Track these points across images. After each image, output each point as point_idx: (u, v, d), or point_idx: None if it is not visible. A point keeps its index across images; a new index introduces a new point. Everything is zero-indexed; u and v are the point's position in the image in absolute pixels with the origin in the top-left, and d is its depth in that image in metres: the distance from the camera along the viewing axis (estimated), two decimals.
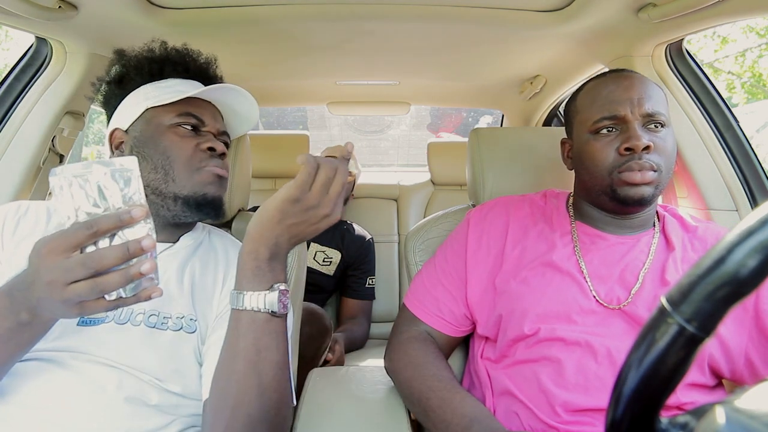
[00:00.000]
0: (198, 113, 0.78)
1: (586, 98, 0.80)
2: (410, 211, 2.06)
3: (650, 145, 0.72)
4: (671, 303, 0.33)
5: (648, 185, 0.73)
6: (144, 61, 0.81)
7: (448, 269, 0.85)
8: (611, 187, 0.75)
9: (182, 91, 0.78)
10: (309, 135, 2.18)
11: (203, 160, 0.75)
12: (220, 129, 0.81)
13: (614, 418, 0.36)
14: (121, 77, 0.82)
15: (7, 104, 1.11)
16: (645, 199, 0.74)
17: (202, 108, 0.79)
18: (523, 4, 1.09)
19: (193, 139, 0.76)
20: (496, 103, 2.13)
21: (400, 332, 0.85)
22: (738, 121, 1.10)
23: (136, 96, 0.79)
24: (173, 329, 0.69)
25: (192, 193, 0.74)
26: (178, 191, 0.74)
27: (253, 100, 0.84)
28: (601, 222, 0.81)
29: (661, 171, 0.74)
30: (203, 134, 0.78)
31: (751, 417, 0.28)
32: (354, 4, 1.08)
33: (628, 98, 0.75)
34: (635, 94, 0.75)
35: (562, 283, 0.75)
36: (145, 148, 0.75)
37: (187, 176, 0.74)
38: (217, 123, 0.81)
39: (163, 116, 0.76)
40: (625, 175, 0.73)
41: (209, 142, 0.76)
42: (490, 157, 1.04)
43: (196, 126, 0.78)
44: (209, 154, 0.76)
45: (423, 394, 0.74)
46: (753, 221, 0.30)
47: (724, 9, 0.88)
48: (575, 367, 0.70)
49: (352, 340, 1.59)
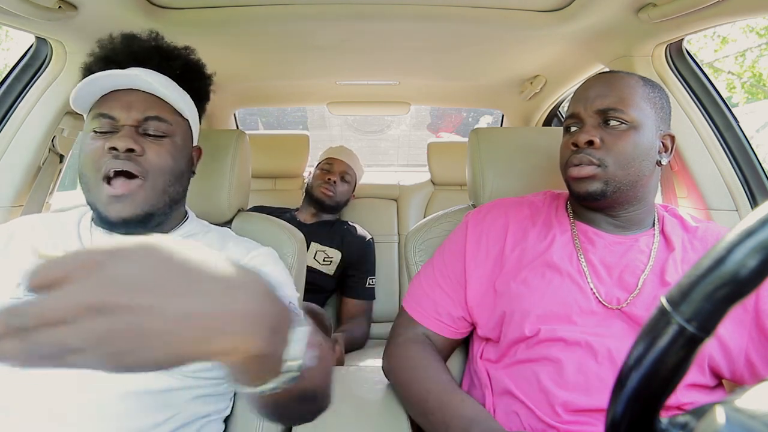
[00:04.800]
0: (107, 110, 0.69)
1: (570, 100, 0.84)
2: (410, 211, 2.06)
3: (593, 140, 0.74)
4: (671, 303, 0.33)
5: (591, 179, 0.75)
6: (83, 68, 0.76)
7: (446, 272, 0.85)
8: (567, 183, 0.80)
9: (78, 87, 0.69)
10: (309, 135, 2.18)
11: (104, 165, 0.67)
12: (140, 117, 0.69)
13: (614, 418, 0.36)
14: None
15: (7, 104, 1.11)
16: (591, 194, 0.75)
17: (114, 100, 0.69)
18: (523, 4, 1.09)
19: (101, 142, 0.68)
20: (496, 103, 2.13)
21: (398, 335, 0.85)
22: (738, 121, 1.10)
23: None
24: None
25: (101, 209, 0.68)
26: (94, 203, 0.69)
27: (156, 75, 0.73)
28: (597, 221, 0.81)
29: (607, 166, 0.74)
30: (120, 130, 0.68)
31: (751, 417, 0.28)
32: (354, 4, 1.08)
33: (585, 96, 0.78)
34: (593, 92, 0.77)
35: (562, 284, 0.75)
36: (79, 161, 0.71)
37: (94, 187, 0.67)
38: (134, 111, 0.69)
39: (85, 124, 0.72)
40: (570, 170, 0.77)
41: (111, 141, 0.66)
42: (490, 157, 1.04)
43: (111, 125, 0.69)
44: (112, 155, 0.67)
45: (421, 397, 0.73)
46: (753, 221, 0.30)
47: (724, 9, 0.88)
48: (575, 367, 0.70)
49: (352, 340, 1.59)
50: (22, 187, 1.12)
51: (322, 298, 1.69)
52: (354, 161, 1.85)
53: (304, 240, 1.00)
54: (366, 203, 2.04)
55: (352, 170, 1.83)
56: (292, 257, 0.94)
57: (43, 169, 1.17)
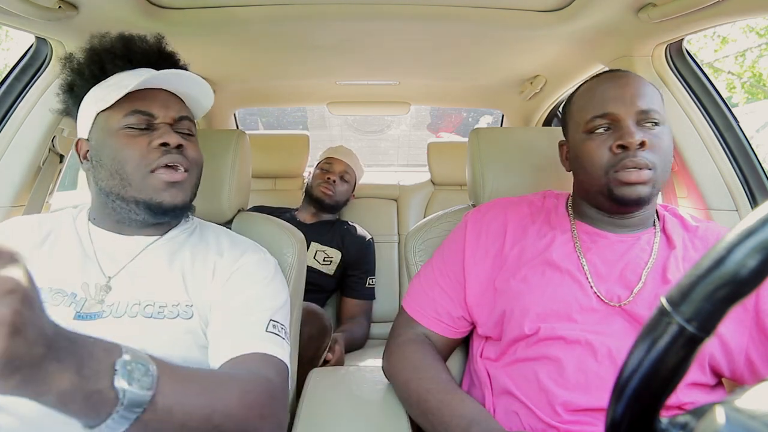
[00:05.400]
0: (145, 107, 0.72)
1: (581, 99, 0.80)
2: (410, 211, 2.06)
3: (645, 141, 0.72)
4: (671, 303, 0.33)
5: (644, 184, 0.72)
6: (83, 63, 0.77)
7: (445, 272, 0.85)
8: (608, 187, 0.74)
9: (125, 86, 0.71)
10: (309, 135, 2.18)
11: (156, 159, 0.71)
12: (176, 116, 0.75)
13: (614, 417, 0.36)
14: (71, 85, 0.78)
15: (7, 104, 1.11)
16: (642, 199, 0.74)
17: (151, 99, 0.73)
18: (523, 4, 1.09)
19: (144, 138, 0.71)
20: (496, 103, 2.13)
21: (398, 335, 0.85)
22: (738, 121, 1.10)
23: (87, 101, 0.76)
24: (170, 317, 0.69)
25: (149, 198, 0.71)
26: (136, 195, 0.71)
27: (200, 81, 0.77)
28: (600, 221, 0.81)
29: (657, 169, 0.73)
30: (157, 127, 0.73)
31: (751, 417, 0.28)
32: (354, 4, 1.08)
33: (620, 96, 0.75)
34: (628, 92, 0.75)
35: (562, 281, 0.75)
36: (101, 155, 0.72)
37: (141, 179, 0.71)
38: (171, 110, 0.74)
39: (112, 119, 0.72)
40: (621, 174, 0.73)
41: (161, 137, 0.71)
42: (490, 157, 1.04)
43: (148, 122, 0.73)
44: (163, 150, 0.71)
45: (421, 397, 0.73)
46: (753, 221, 0.30)
47: (724, 9, 0.88)
48: (575, 366, 0.70)
49: (352, 340, 1.59)
50: (22, 187, 1.12)
51: (322, 298, 1.69)
52: (353, 161, 1.85)
53: (304, 240, 1.00)
54: (366, 203, 2.04)
55: (352, 170, 1.83)
56: (292, 257, 0.94)
57: (43, 169, 1.17)
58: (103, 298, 0.69)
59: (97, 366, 0.42)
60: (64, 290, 0.69)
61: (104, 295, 0.70)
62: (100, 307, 0.68)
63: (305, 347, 1.11)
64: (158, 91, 0.75)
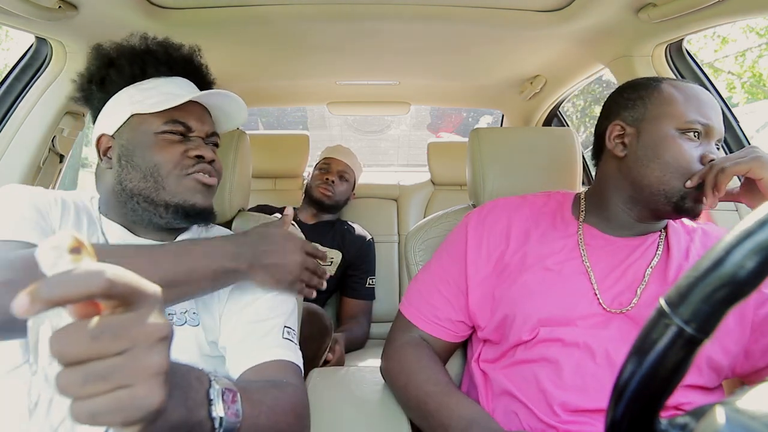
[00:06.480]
0: (184, 119, 0.75)
1: (678, 92, 0.74)
2: (410, 211, 2.06)
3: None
4: (670, 304, 0.33)
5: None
6: (124, 61, 0.77)
7: (445, 276, 0.83)
8: (681, 193, 0.72)
9: (167, 93, 0.75)
10: (309, 135, 2.18)
11: (191, 167, 0.73)
12: (209, 131, 0.78)
13: (614, 418, 0.36)
14: (102, 79, 0.77)
15: (7, 104, 1.11)
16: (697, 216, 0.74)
17: (188, 111, 0.76)
18: (523, 4, 1.09)
19: (180, 146, 0.74)
20: (496, 103, 2.13)
21: (396, 338, 0.84)
22: (738, 121, 1.10)
23: (120, 99, 0.76)
24: (178, 324, 0.70)
25: (182, 201, 0.73)
26: (168, 199, 0.72)
27: (241, 102, 0.81)
28: (613, 222, 0.79)
29: None
30: (191, 139, 0.76)
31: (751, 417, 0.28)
32: (354, 4, 1.08)
33: (717, 114, 0.74)
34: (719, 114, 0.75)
35: (565, 288, 0.74)
36: (134, 156, 0.73)
37: (176, 183, 0.73)
38: (205, 125, 0.78)
39: (150, 123, 0.73)
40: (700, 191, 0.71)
41: (197, 150, 0.74)
42: (490, 157, 1.04)
43: (183, 132, 0.75)
44: (197, 160, 0.74)
45: (420, 399, 0.73)
46: (751, 223, 0.30)
47: (724, 9, 0.88)
48: (573, 367, 0.69)
49: (352, 340, 1.59)
50: None
51: (322, 298, 1.69)
52: (352, 159, 1.84)
53: None
54: (366, 203, 2.04)
55: (350, 169, 1.82)
56: None
57: (43, 169, 1.17)
58: None
59: (196, 396, 0.42)
60: None
61: None
62: None
63: (305, 347, 1.10)
64: (195, 104, 0.77)
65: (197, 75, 0.83)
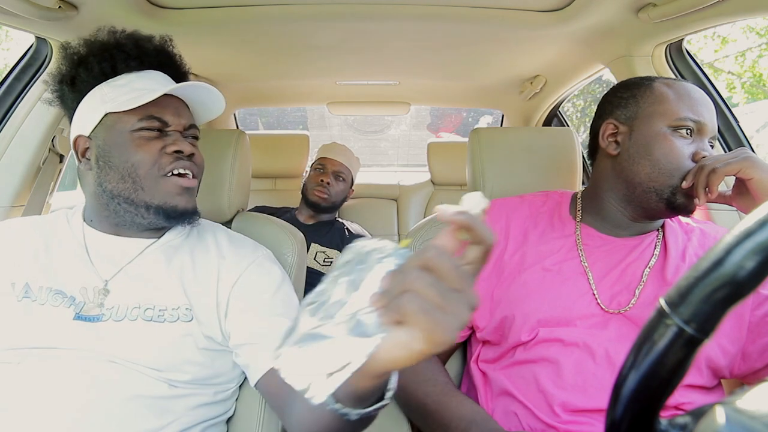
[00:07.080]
0: (160, 114, 0.73)
1: (670, 90, 0.75)
2: (410, 211, 2.06)
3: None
4: (670, 304, 0.33)
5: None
6: (93, 59, 0.74)
7: None
8: (672, 191, 0.72)
9: (140, 89, 0.72)
10: (309, 135, 2.19)
11: (170, 164, 0.72)
12: (186, 124, 0.76)
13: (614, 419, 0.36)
14: (73, 78, 0.75)
15: (7, 104, 1.11)
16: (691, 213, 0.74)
17: (164, 106, 0.73)
18: (523, 4, 1.09)
19: (158, 142, 0.72)
20: (496, 103, 2.13)
21: None
22: (738, 121, 1.10)
23: (93, 98, 0.74)
24: (170, 321, 0.70)
25: (162, 203, 0.72)
26: (148, 200, 0.71)
27: (216, 92, 0.78)
28: (610, 222, 0.79)
29: None
30: (169, 134, 0.74)
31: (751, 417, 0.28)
32: (354, 4, 1.08)
33: (710, 111, 0.74)
34: (712, 112, 0.75)
35: (564, 288, 0.74)
36: (111, 157, 0.71)
37: (154, 183, 0.71)
38: (182, 119, 0.75)
39: (125, 121, 0.71)
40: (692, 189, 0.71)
41: (174, 145, 0.72)
42: (490, 157, 1.04)
43: (160, 127, 0.73)
44: (176, 156, 0.72)
45: (420, 400, 0.73)
46: (751, 223, 0.30)
47: (724, 9, 0.88)
48: (573, 367, 0.70)
49: None
50: (22, 187, 1.12)
51: None
52: (347, 157, 1.82)
53: (304, 240, 1.00)
54: (366, 203, 2.04)
55: (346, 167, 1.80)
56: (292, 257, 0.94)
57: (43, 169, 1.17)
58: (102, 302, 0.69)
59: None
60: (64, 292, 0.69)
61: (103, 298, 0.70)
62: (99, 311, 0.68)
63: None
64: (170, 97, 0.75)
65: (170, 66, 0.81)
